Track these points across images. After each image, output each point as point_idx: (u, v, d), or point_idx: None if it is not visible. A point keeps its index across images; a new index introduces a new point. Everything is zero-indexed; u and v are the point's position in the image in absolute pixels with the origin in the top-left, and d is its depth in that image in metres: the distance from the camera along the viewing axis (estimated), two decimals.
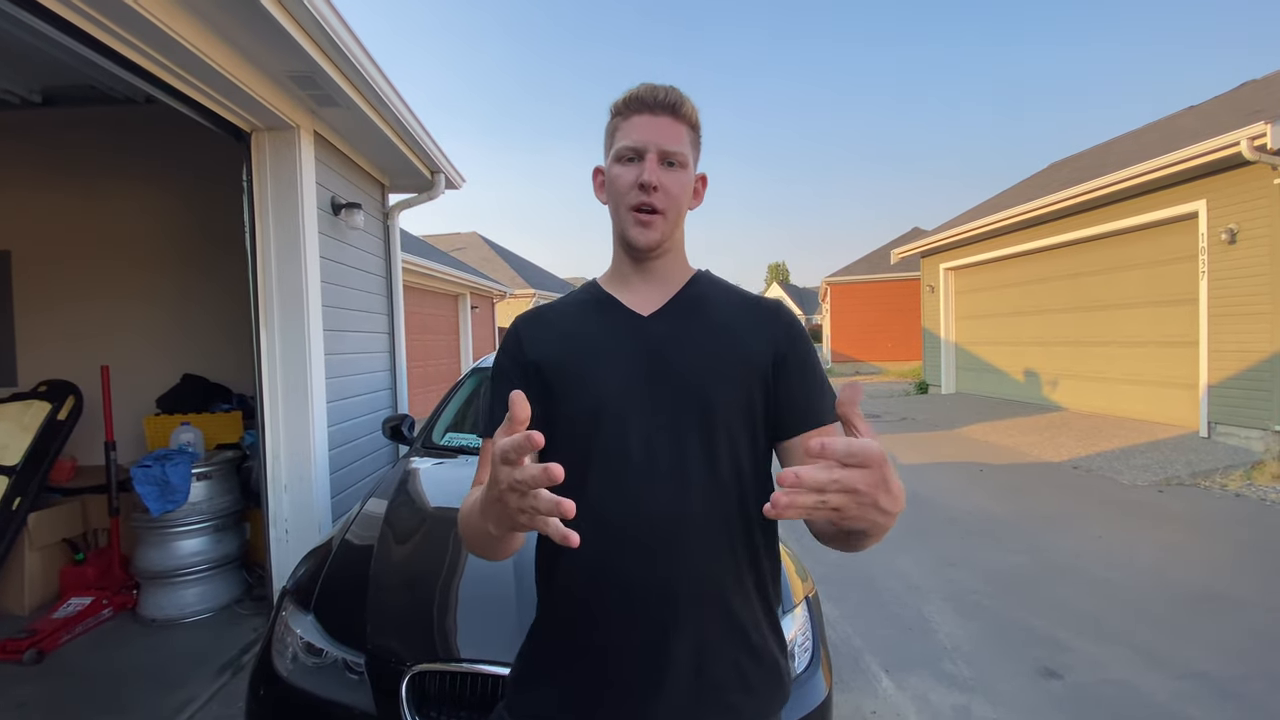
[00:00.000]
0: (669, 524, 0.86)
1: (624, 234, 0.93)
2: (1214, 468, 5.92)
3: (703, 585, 0.86)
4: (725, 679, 0.87)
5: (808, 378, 0.95)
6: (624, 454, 0.87)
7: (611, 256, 1.00)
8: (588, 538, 0.83)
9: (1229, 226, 6.56)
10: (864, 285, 20.75)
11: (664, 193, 0.90)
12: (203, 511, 3.36)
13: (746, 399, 0.91)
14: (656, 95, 0.90)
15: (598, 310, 0.97)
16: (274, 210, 3.19)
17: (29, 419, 3.53)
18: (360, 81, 3.11)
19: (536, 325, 0.99)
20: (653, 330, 0.93)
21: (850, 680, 2.69)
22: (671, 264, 0.97)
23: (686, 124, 0.92)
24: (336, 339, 3.66)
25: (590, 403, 0.89)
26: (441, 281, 10.60)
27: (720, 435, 0.88)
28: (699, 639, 0.85)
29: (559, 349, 0.94)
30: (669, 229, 0.92)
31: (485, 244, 21.81)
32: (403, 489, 2.45)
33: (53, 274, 4.23)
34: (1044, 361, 10.20)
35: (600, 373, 0.90)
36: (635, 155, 0.90)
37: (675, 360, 0.90)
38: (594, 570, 0.86)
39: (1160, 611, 3.26)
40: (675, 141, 0.90)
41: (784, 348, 0.94)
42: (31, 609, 3.37)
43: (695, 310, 0.95)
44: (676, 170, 0.91)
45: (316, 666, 1.63)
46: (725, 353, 0.92)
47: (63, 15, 2.00)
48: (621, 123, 0.92)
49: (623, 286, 0.97)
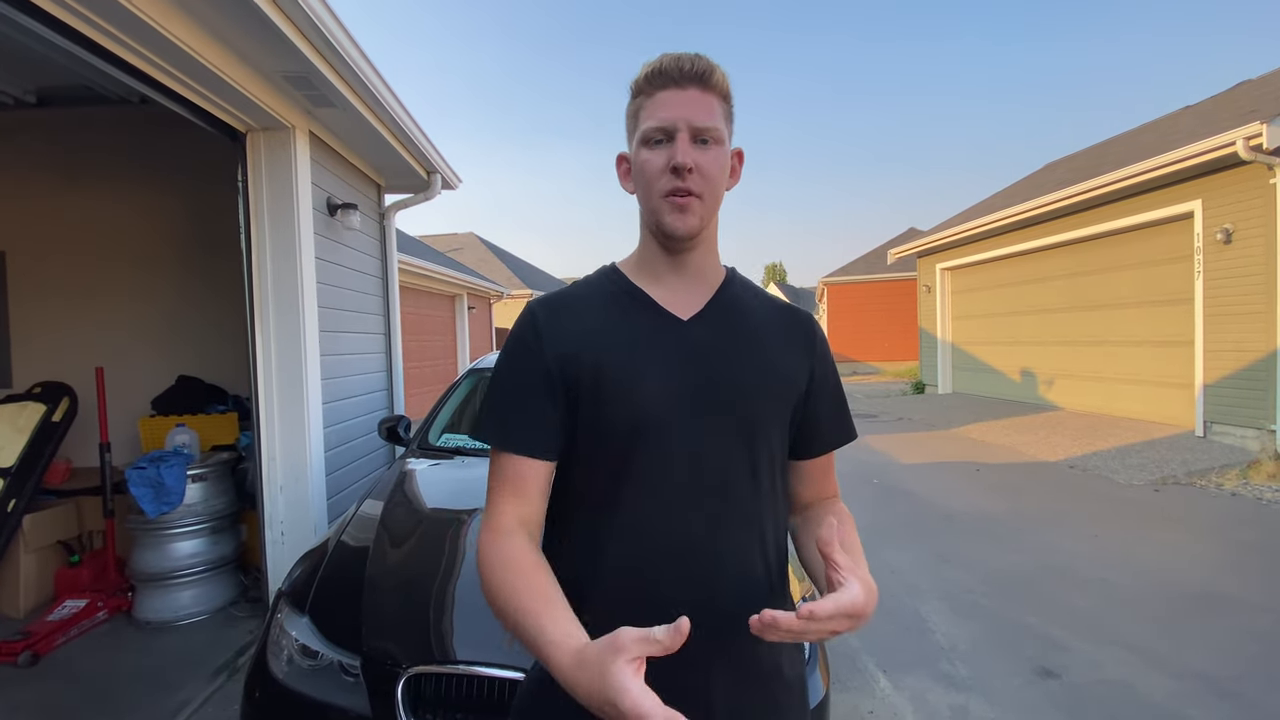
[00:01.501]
0: (710, 542, 0.82)
1: (659, 223, 0.83)
2: (1210, 467, 5.94)
3: (740, 604, 0.81)
4: (759, 698, 0.85)
5: (834, 399, 0.94)
6: (666, 468, 0.81)
7: (638, 245, 0.92)
8: (625, 554, 0.81)
9: (1224, 226, 6.58)
10: (861, 285, 20.78)
11: (700, 174, 0.81)
12: (198, 513, 3.34)
13: (784, 416, 0.88)
14: (682, 66, 0.81)
15: (630, 306, 0.88)
16: (269, 211, 3.18)
17: (24, 421, 3.51)
18: (356, 82, 3.10)
19: (560, 315, 0.87)
20: (694, 336, 0.86)
21: (848, 680, 2.69)
22: (705, 257, 0.89)
23: (718, 95, 0.83)
24: (332, 340, 3.65)
25: (631, 412, 0.82)
26: (438, 282, 10.58)
27: (762, 452, 0.85)
28: (738, 658, 0.82)
29: (590, 347, 0.84)
30: (708, 213, 0.84)
31: (482, 244, 21.79)
32: (399, 490, 2.44)
33: (48, 275, 4.21)
34: (1040, 361, 10.23)
35: (640, 379, 0.82)
36: (665, 136, 0.81)
37: (719, 371, 0.85)
38: (632, 587, 0.81)
39: (1157, 611, 3.26)
40: (708, 116, 0.81)
41: (819, 367, 0.93)
42: (26, 611, 3.35)
43: (734, 316, 0.89)
44: (712, 148, 0.82)
45: (312, 669, 1.63)
46: (768, 367, 0.87)
47: (57, 15, 1.99)
48: (646, 101, 0.83)
49: (654, 281, 0.89)
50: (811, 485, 0.95)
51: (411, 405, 8.30)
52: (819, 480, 0.95)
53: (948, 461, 7.05)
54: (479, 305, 13.78)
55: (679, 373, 0.84)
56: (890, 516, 5.05)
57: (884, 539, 4.47)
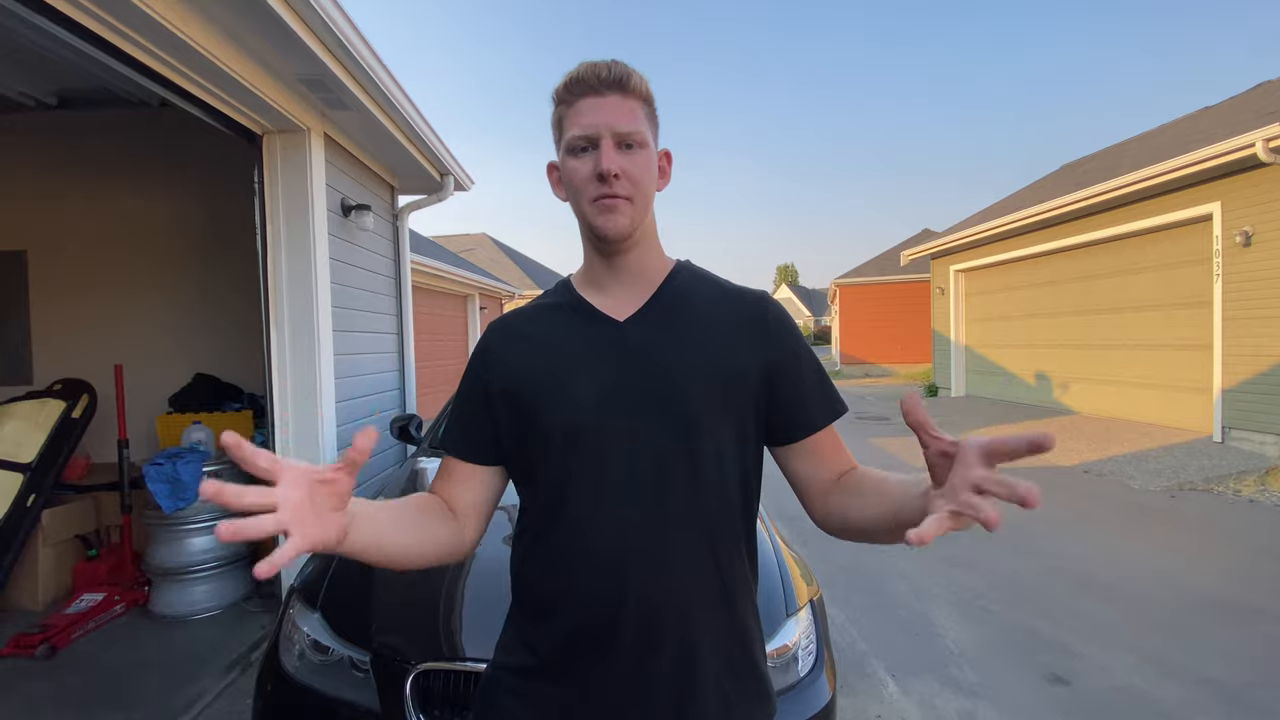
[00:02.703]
0: (653, 546, 0.81)
1: (591, 227, 0.85)
2: (1228, 473, 5.85)
3: (686, 606, 0.82)
4: (709, 700, 0.83)
5: (805, 379, 0.90)
6: (605, 473, 0.82)
7: (582, 256, 0.93)
8: (569, 560, 0.83)
9: (1244, 229, 6.48)
10: (873, 287, 20.65)
11: (627, 179, 0.82)
12: (213, 509, 3.39)
13: (736, 409, 0.86)
14: (599, 73, 0.82)
15: (571, 316, 0.90)
16: (284, 212, 3.23)
17: (44, 417, 3.58)
18: (370, 84, 3.14)
19: (506, 337, 0.92)
20: (631, 337, 0.86)
21: (856, 684, 2.68)
22: (645, 256, 0.90)
23: (638, 98, 0.84)
24: (346, 339, 3.69)
25: (567, 420, 0.83)
26: (450, 282, 10.65)
27: (707, 449, 0.83)
28: (684, 660, 0.82)
29: (531, 362, 0.88)
30: (638, 215, 0.85)
31: (494, 245, 21.89)
32: (411, 488, 2.47)
33: (68, 274, 4.29)
34: (1055, 364, 10.12)
35: (577, 387, 0.84)
36: (589, 144, 0.82)
37: (657, 371, 0.84)
38: (575, 595, 0.82)
39: (1171, 618, 3.22)
40: (630, 121, 0.82)
41: (777, 350, 0.89)
42: (45, 604, 3.42)
43: (676, 311, 0.89)
44: (636, 151, 0.83)
45: (323, 664, 1.65)
46: (712, 360, 0.85)
47: (79, 20, 2.03)
48: (567, 110, 0.84)
49: (595, 288, 0.91)
50: (824, 464, 0.90)
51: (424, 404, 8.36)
52: (827, 458, 0.90)
53: None
54: (490, 305, 13.84)
55: (614, 375, 0.85)
56: None
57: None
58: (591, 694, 0.82)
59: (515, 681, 0.87)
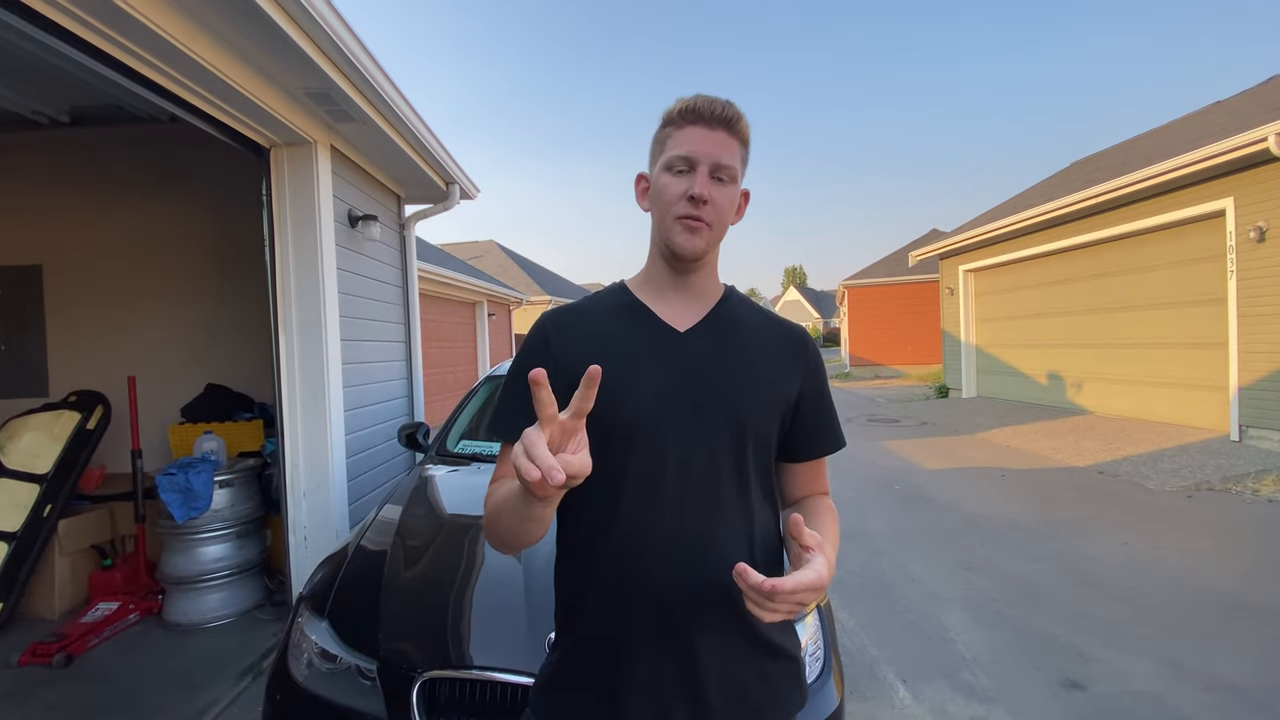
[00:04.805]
0: (701, 540, 0.88)
1: (669, 241, 0.92)
2: (1245, 472, 5.76)
3: (730, 601, 0.86)
4: (751, 689, 0.91)
5: (824, 411, 1.02)
6: (660, 469, 0.88)
7: (646, 263, 1.00)
8: (622, 551, 0.89)
9: (1258, 224, 6.40)
10: (882, 288, 20.53)
11: (713, 206, 0.90)
12: (225, 518, 3.42)
13: (772, 424, 0.95)
14: (715, 109, 0.90)
15: (631, 318, 0.96)
16: (292, 223, 3.26)
17: (59, 429, 3.63)
18: (375, 97, 3.17)
19: (566, 326, 0.97)
20: (689, 347, 0.94)
21: (866, 690, 2.66)
22: (706, 278, 0.98)
23: (739, 140, 0.92)
24: (354, 348, 3.72)
25: (627, 416, 0.89)
26: (459, 289, 10.70)
27: (749, 455, 0.92)
28: (727, 650, 0.89)
29: (592, 355, 0.87)
30: (714, 240, 0.93)
31: (502, 252, 21.99)
32: (417, 496, 2.48)
33: (82, 287, 4.36)
34: (1067, 364, 10.02)
35: (637, 385, 0.90)
36: (687, 166, 0.90)
37: (711, 379, 0.92)
38: (628, 583, 0.88)
39: (1188, 621, 3.17)
40: (729, 156, 0.90)
41: (810, 382, 1.00)
42: (61, 613, 3.46)
43: (729, 330, 0.97)
44: (726, 185, 0.91)
45: (330, 672, 1.66)
46: (759, 378, 0.95)
47: (89, 40, 2.07)
48: (675, 132, 0.91)
49: (656, 296, 0.97)
50: (802, 484, 1.04)
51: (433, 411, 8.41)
52: (809, 480, 1.04)
53: (971, 467, 6.93)
54: (499, 312, 13.90)
55: (673, 380, 0.92)
56: (911, 523, 4.98)
57: (904, 546, 4.41)
58: (642, 684, 0.87)
59: (568, 677, 0.92)
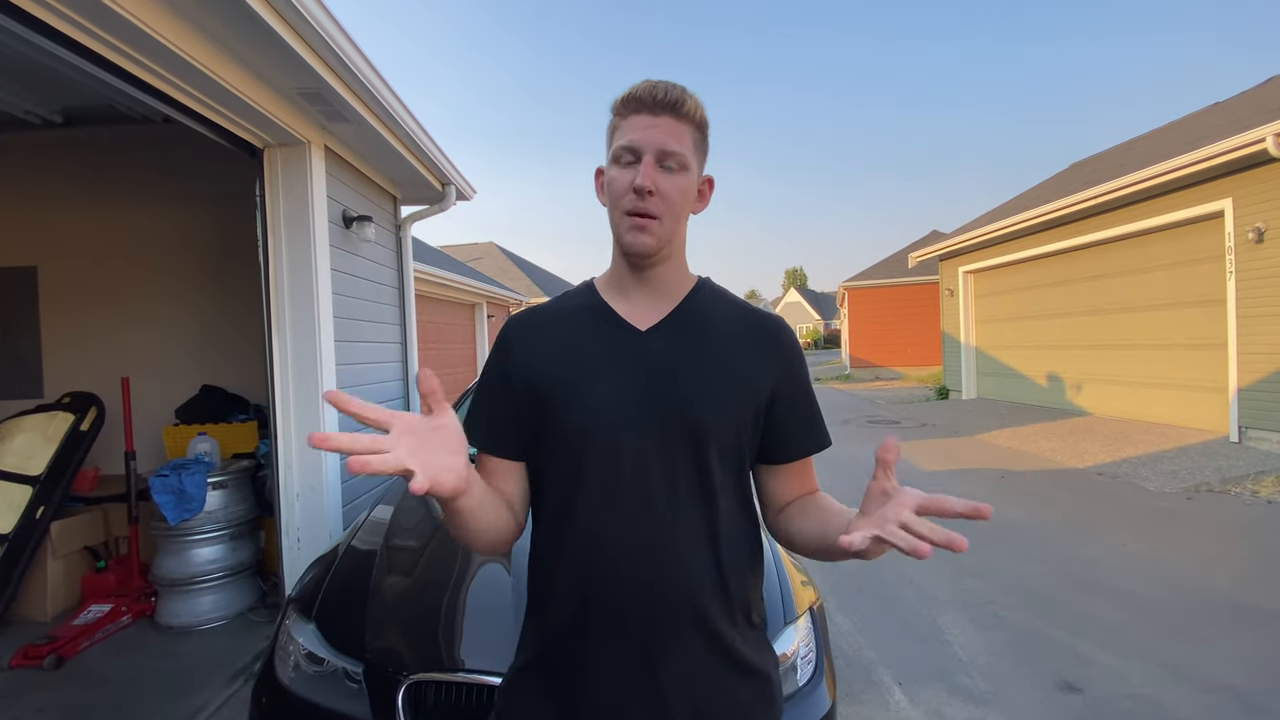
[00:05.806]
0: (659, 544, 0.85)
1: (619, 239, 0.89)
2: (1245, 474, 5.74)
3: (690, 605, 0.85)
4: (713, 700, 0.86)
5: (803, 407, 0.96)
6: (616, 473, 0.86)
7: (611, 261, 0.96)
8: (579, 555, 0.86)
9: (1256, 225, 6.39)
10: (882, 289, 20.51)
11: (660, 197, 0.85)
12: (218, 520, 3.41)
13: (739, 424, 0.90)
14: (656, 94, 0.85)
15: (593, 319, 0.93)
16: (286, 224, 3.25)
17: (53, 430, 3.62)
18: (369, 97, 3.16)
19: (528, 331, 0.95)
20: (650, 347, 0.90)
21: (862, 693, 2.64)
22: (671, 272, 0.93)
23: (690, 123, 0.87)
24: (348, 349, 3.71)
25: (582, 419, 0.87)
26: (458, 291, 10.70)
27: (711, 458, 0.87)
28: (687, 659, 0.85)
29: (552, 361, 0.91)
30: (666, 235, 0.88)
31: (501, 253, 21.98)
32: (408, 496, 2.46)
33: (77, 288, 4.35)
34: (1067, 365, 10.00)
35: (594, 389, 0.88)
36: (632, 157, 0.86)
37: (671, 381, 0.88)
38: (586, 588, 0.85)
39: (1186, 623, 3.15)
40: (675, 142, 0.85)
41: (785, 377, 0.94)
42: (53, 615, 3.44)
43: (695, 326, 0.92)
44: (676, 174, 0.86)
45: (317, 675, 1.64)
46: (724, 377, 0.89)
47: (79, 40, 2.06)
48: (620, 122, 0.88)
49: (619, 295, 0.94)
50: (791, 486, 0.97)
51: None
52: (797, 483, 0.97)
53: (971, 469, 6.91)
54: (498, 313, 13.89)
55: (631, 380, 0.88)
56: None
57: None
58: (599, 688, 0.85)
59: (528, 679, 0.90)
